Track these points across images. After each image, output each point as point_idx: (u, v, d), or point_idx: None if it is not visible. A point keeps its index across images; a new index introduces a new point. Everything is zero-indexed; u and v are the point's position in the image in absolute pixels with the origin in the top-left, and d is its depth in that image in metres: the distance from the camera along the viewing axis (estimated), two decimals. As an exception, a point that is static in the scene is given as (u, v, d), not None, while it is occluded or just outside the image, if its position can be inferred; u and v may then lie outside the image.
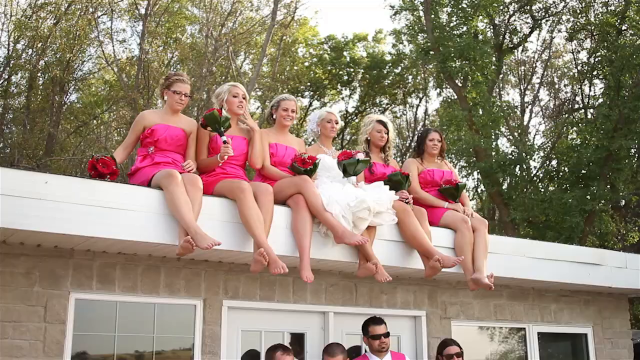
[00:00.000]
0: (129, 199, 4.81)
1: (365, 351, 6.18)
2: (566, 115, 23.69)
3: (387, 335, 5.96)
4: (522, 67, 26.59)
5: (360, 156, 6.06)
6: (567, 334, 8.30)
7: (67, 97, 23.85)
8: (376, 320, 6.03)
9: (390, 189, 6.06)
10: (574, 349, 8.45)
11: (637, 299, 20.75)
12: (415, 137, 22.98)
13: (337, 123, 6.62)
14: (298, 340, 6.20)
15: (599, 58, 20.59)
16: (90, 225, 4.61)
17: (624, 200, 22.01)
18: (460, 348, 6.25)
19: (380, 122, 6.79)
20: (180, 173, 5.16)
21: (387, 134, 6.74)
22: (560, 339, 8.35)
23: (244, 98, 6.04)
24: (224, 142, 5.57)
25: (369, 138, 6.75)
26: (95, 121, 24.04)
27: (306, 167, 5.75)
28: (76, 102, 24.80)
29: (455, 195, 6.73)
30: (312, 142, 6.73)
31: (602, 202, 18.63)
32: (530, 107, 26.92)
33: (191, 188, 5.05)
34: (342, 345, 5.78)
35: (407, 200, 6.25)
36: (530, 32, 22.76)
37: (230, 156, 5.64)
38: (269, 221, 5.29)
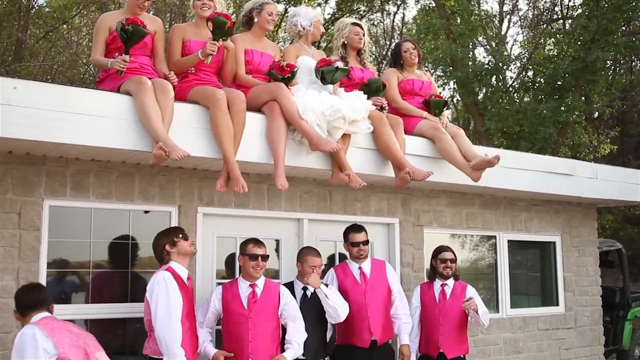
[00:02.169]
0: (100, 105, 4.72)
1: (345, 258, 6.31)
2: (544, 26, 23.51)
3: (366, 242, 6.05)
4: (502, -25, 26.16)
5: (339, 64, 6.02)
6: (536, 242, 8.50)
7: (35, 0, 23.09)
8: (356, 228, 6.10)
9: (367, 93, 6.05)
10: (542, 257, 8.68)
11: (605, 209, 21.28)
12: (392, 47, 22.75)
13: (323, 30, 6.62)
14: (273, 246, 6.29)
15: (580, -33, 20.30)
16: (61, 131, 4.53)
17: (597, 112, 22.22)
18: (455, 255, 6.41)
19: (356, 24, 6.75)
20: (150, 78, 5.06)
21: (364, 36, 6.69)
22: (529, 247, 8.56)
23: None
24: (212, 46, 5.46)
25: (345, 42, 6.67)
26: (65, 26, 23.34)
27: (284, 74, 5.67)
28: (45, 5, 24.02)
29: (440, 110, 6.74)
30: (293, 41, 6.59)
31: (576, 113, 18.74)
32: (508, 16, 26.68)
33: (162, 96, 4.94)
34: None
35: (382, 107, 6.24)
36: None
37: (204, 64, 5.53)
38: (239, 132, 5.25)
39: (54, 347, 4.13)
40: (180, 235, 5.01)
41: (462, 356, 6.26)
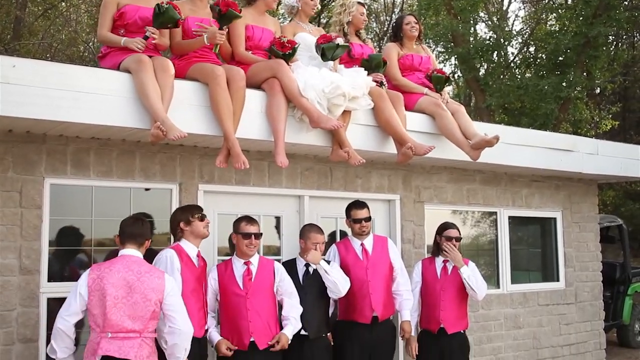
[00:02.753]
0: (100, 83, 4.70)
1: (347, 234, 6.32)
2: (546, 1, 23.32)
3: (368, 219, 6.07)
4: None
5: (340, 41, 5.99)
6: (537, 217, 8.52)
7: (34, -23, 22.89)
8: (358, 205, 6.12)
9: (367, 69, 6.03)
10: (543, 233, 8.70)
11: (606, 185, 21.28)
12: (392, 22, 22.58)
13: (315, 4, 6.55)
14: (274, 223, 6.32)
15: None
16: (61, 109, 4.53)
17: (599, 88, 22.13)
18: (460, 233, 6.41)
19: (361, 4, 6.75)
20: (150, 56, 5.03)
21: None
22: (530, 223, 8.57)
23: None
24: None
25: (350, 20, 6.66)
26: (64, 4, 23.19)
27: (285, 51, 5.64)
28: (43, -18, 23.84)
29: (442, 86, 6.73)
30: (290, 19, 6.56)
31: (578, 89, 18.67)
32: (510, -9, 26.47)
33: (162, 74, 4.91)
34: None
35: (381, 83, 6.23)
36: None
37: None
38: (239, 110, 5.23)
39: None
40: (197, 216, 5.06)
41: (462, 331, 6.30)
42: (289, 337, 5.27)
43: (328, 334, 5.83)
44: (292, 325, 5.32)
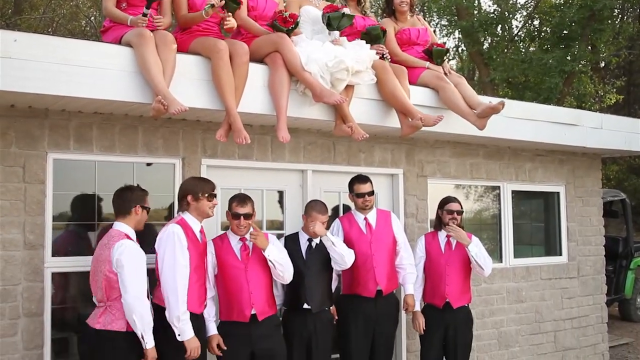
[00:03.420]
0: (102, 58, 4.68)
1: (350, 208, 6.33)
2: (551, -27, 23.10)
3: (371, 193, 6.06)
4: None
5: (347, 11, 5.97)
6: (540, 192, 8.51)
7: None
8: (361, 179, 6.11)
9: (367, 42, 6.00)
10: (546, 207, 8.70)
11: (610, 160, 21.24)
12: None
13: None
14: (277, 197, 6.33)
15: None
16: (62, 84, 4.51)
17: (603, 62, 22.00)
18: (462, 207, 6.41)
19: None
20: (152, 31, 5.01)
21: None
22: (533, 197, 8.57)
23: None
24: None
25: None
26: (65, -22, 23.05)
27: (287, 26, 5.61)
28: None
29: (442, 59, 6.68)
30: None
31: (582, 63, 18.56)
32: (515, -37, 26.18)
33: (163, 48, 4.89)
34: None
35: (384, 55, 6.19)
36: None
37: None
38: (242, 84, 5.21)
39: None
40: (206, 195, 5.02)
41: (466, 305, 6.34)
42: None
43: (331, 308, 5.86)
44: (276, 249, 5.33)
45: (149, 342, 4.55)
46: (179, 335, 4.67)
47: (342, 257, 5.59)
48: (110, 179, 5.40)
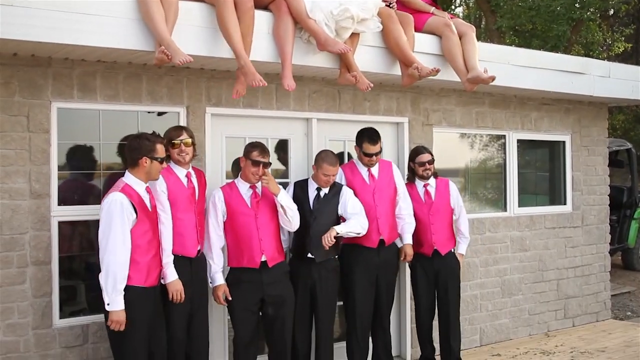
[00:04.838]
0: (105, 5, 4.61)
1: (352, 157, 6.34)
2: None
3: (378, 153, 6.01)
4: None
5: None
6: (546, 141, 8.48)
7: None
8: (371, 139, 5.94)
9: None
10: (551, 156, 8.68)
11: (616, 109, 21.11)
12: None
13: None
14: (282, 146, 6.31)
15: None
16: (65, 32, 4.45)
17: (612, 9, 21.64)
18: (432, 155, 6.40)
19: None
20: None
21: None
22: (538, 146, 8.54)
23: None
24: None
25: None
26: None
27: None
28: None
29: (448, 4, 6.56)
30: None
31: (591, 10, 18.27)
32: None
33: None
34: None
35: (390, 4, 6.09)
36: None
37: None
38: (249, 33, 5.10)
39: None
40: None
41: (452, 250, 6.47)
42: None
43: (335, 257, 5.90)
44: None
45: (112, 303, 4.34)
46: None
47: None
48: (115, 127, 5.39)
